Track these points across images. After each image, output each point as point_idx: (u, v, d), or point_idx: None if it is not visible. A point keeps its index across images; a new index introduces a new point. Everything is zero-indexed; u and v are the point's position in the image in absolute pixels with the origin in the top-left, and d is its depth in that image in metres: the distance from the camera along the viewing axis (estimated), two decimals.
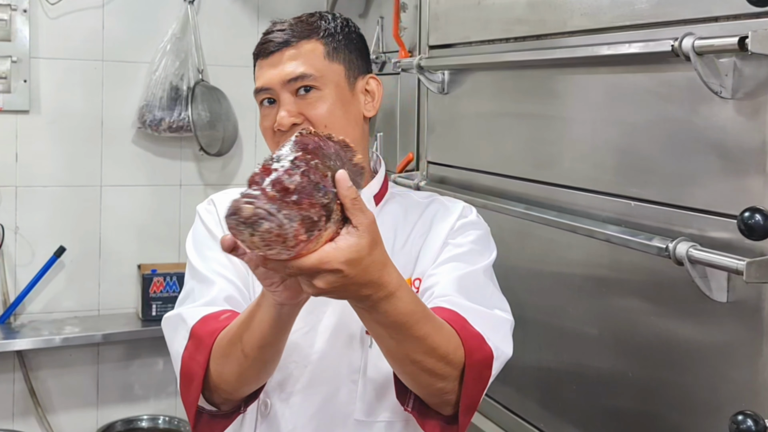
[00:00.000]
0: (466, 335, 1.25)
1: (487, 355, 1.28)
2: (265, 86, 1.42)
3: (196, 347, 1.30)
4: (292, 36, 1.43)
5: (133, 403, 3.23)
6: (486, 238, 1.46)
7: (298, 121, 1.38)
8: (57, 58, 3.08)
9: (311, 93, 1.40)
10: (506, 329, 1.36)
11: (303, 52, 1.42)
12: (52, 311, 3.11)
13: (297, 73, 1.40)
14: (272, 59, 1.42)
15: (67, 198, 3.12)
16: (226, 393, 1.30)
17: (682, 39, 1.32)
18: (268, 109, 1.43)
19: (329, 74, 1.42)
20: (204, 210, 1.50)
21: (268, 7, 3.33)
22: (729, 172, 1.34)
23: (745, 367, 1.32)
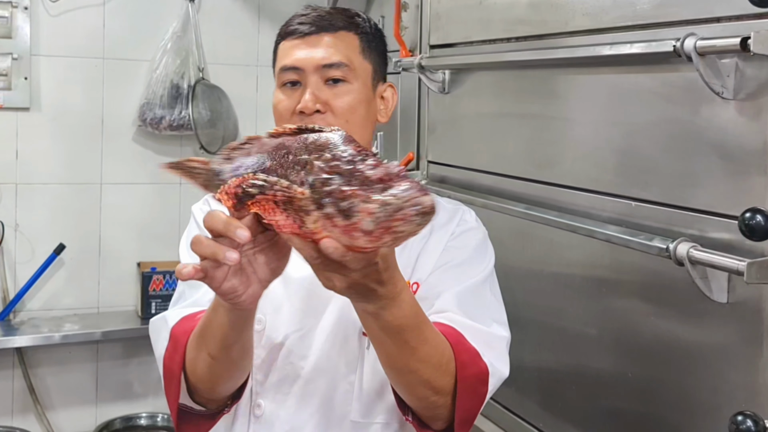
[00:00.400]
0: (460, 349, 1.25)
1: (481, 371, 1.27)
2: (296, 66, 1.39)
3: (174, 347, 1.31)
4: (331, 23, 1.41)
5: (132, 400, 3.22)
6: (485, 243, 1.45)
7: (323, 110, 1.37)
8: (58, 55, 3.08)
9: (341, 84, 1.39)
10: (502, 347, 1.35)
11: (341, 41, 1.40)
12: (51, 308, 3.11)
13: (334, 60, 1.38)
14: (308, 40, 1.39)
15: (68, 195, 3.12)
16: (204, 392, 1.30)
17: (684, 39, 1.32)
18: (289, 90, 1.40)
19: (360, 70, 1.41)
20: (198, 210, 1.49)
21: (269, 5, 3.33)
22: (730, 173, 1.34)
23: (745, 368, 1.32)
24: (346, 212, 0.92)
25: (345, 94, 1.39)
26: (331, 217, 0.93)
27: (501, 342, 1.35)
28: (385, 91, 1.48)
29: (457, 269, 1.38)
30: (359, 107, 1.40)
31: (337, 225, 0.93)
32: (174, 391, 1.30)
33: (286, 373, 1.39)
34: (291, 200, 0.95)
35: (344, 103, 1.38)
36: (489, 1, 2.02)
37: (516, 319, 1.43)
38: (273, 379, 1.39)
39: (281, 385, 1.39)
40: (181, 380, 1.29)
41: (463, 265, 1.39)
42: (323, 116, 1.37)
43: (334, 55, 1.38)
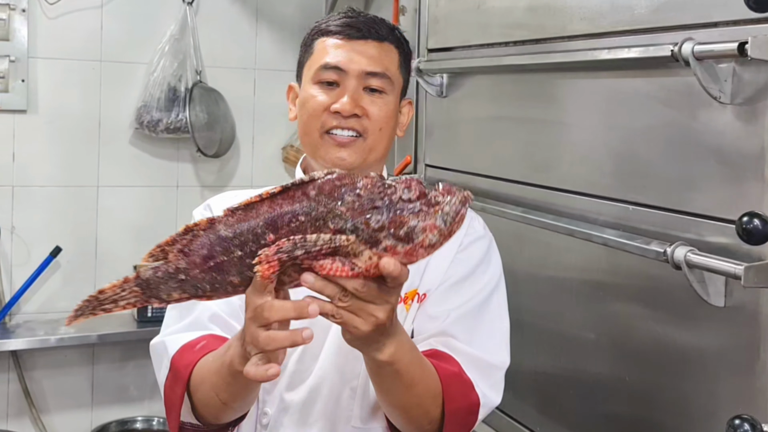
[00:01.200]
0: (451, 381, 1.28)
1: (472, 403, 1.30)
2: (340, 66, 1.38)
3: (174, 379, 1.31)
4: (378, 32, 1.40)
5: (127, 404, 3.22)
6: (490, 251, 1.46)
7: (359, 113, 1.37)
8: (55, 58, 3.07)
9: (378, 94, 1.40)
10: (498, 376, 1.37)
11: (386, 52, 1.41)
12: (47, 311, 3.10)
13: (378, 70, 1.39)
14: (357, 44, 1.39)
15: (64, 198, 3.11)
16: (209, 419, 1.30)
17: (682, 44, 1.32)
18: (326, 88, 1.39)
19: (396, 84, 1.42)
20: (200, 216, 1.46)
21: (267, 9, 3.33)
22: (727, 177, 1.34)
23: (743, 372, 1.32)
24: (408, 237, 0.96)
25: (382, 105, 1.39)
26: (393, 248, 0.97)
27: (498, 371, 1.37)
28: (404, 107, 1.49)
29: (463, 283, 1.39)
30: (391, 119, 1.41)
31: (398, 252, 0.97)
32: (174, 421, 1.31)
33: (294, 381, 1.39)
34: (336, 250, 0.96)
35: (381, 112, 1.39)
36: (487, 5, 2.03)
37: (513, 322, 1.43)
38: (281, 386, 1.39)
39: (287, 392, 1.39)
40: (182, 410, 1.30)
41: (470, 278, 1.40)
42: (359, 120, 1.37)
43: (379, 65, 1.39)
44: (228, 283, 1.02)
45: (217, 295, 1.05)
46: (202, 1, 3.25)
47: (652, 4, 1.49)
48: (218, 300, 1.32)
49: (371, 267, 0.97)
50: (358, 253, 0.96)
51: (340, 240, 0.95)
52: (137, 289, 1.05)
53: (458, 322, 1.35)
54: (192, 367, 1.28)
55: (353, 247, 0.96)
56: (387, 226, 0.96)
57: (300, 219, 0.98)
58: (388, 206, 0.96)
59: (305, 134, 1.42)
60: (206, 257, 1.01)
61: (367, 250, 0.96)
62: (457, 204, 0.97)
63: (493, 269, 1.44)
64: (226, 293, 1.04)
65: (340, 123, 1.37)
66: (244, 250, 0.99)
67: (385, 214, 0.96)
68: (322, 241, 0.96)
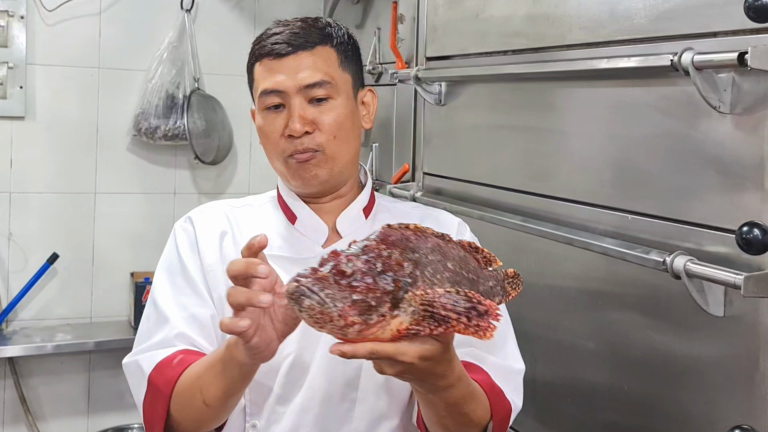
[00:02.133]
0: (493, 397, 1.30)
1: (507, 411, 1.34)
2: (278, 89, 1.37)
3: (154, 397, 1.30)
4: (307, 40, 1.38)
5: (124, 411, 3.20)
6: None
7: (310, 130, 1.37)
8: (53, 64, 3.07)
9: (325, 102, 1.38)
10: (519, 380, 1.41)
11: (320, 58, 1.39)
12: (44, 318, 3.09)
13: (316, 80, 1.37)
14: (287, 62, 1.38)
15: (61, 205, 3.11)
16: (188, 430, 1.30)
17: (682, 54, 1.32)
18: (273, 113, 1.39)
19: (342, 83, 1.41)
20: (180, 229, 1.47)
21: (265, 16, 3.33)
22: (727, 187, 1.34)
23: (742, 381, 1.32)
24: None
25: (331, 111, 1.38)
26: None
27: (519, 376, 1.41)
28: (365, 96, 1.48)
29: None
30: (346, 121, 1.40)
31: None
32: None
33: (285, 392, 1.37)
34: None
35: (331, 120, 1.38)
36: (486, 14, 2.03)
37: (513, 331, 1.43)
38: (271, 399, 1.38)
39: (278, 404, 1.38)
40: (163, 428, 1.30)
41: None
42: (312, 136, 1.37)
43: (316, 75, 1.37)
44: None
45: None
46: (200, 9, 3.26)
47: (651, 13, 1.49)
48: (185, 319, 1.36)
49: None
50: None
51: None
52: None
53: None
54: (174, 381, 1.28)
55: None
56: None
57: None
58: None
59: (272, 161, 1.44)
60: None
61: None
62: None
63: None
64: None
65: (296, 147, 1.37)
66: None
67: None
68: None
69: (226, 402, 1.25)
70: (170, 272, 1.42)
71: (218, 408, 1.26)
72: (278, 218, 1.46)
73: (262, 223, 1.45)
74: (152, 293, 1.43)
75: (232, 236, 1.43)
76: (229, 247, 1.42)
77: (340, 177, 1.43)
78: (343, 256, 0.99)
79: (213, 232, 1.44)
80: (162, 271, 1.44)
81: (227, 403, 1.26)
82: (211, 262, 1.41)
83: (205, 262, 1.41)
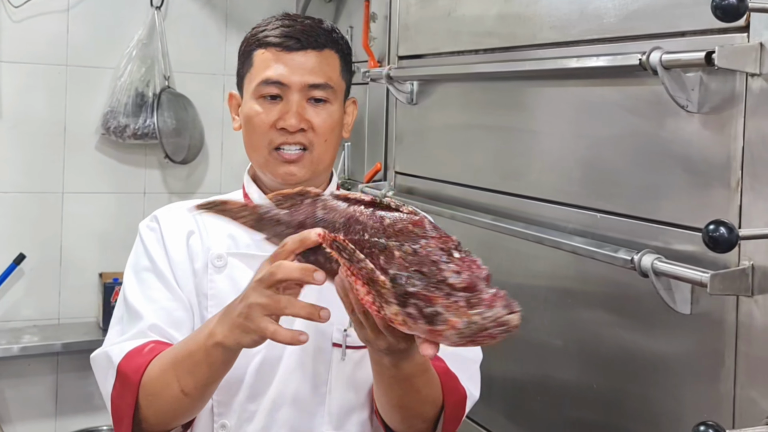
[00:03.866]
0: (445, 379, 1.30)
1: (461, 396, 1.33)
2: (281, 81, 1.37)
3: (123, 386, 1.28)
4: (317, 40, 1.39)
5: (92, 413, 3.16)
6: None
7: (305, 127, 1.37)
8: (20, 62, 3.03)
9: (322, 104, 1.39)
10: (475, 369, 1.41)
11: (326, 60, 1.39)
12: (10, 320, 3.05)
13: (320, 81, 1.38)
14: (297, 55, 1.37)
15: (28, 204, 3.06)
16: (155, 426, 1.27)
17: (650, 53, 1.33)
18: (268, 103, 1.38)
19: (339, 90, 1.42)
20: (146, 228, 1.45)
21: (236, 14, 3.32)
22: (694, 186, 1.35)
23: (708, 379, 1.33)
24: (430, 318, 0.94)
25: (326, 115, 1.39)
26: (414, 318, 0.95)
27: (474, 365, 1.41)
28: (349, 107, 1.48)
29: None
30: (336, 126, 1.42)
31: (419, 326, 0.95)
32: (126, 427, 1.28)
33: (255, 390, 1.36)
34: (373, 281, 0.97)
35: (325, 123, 1.39)
36: (457, 13, 2.03)
37: None
38: (240, 397, 1.36)
39: (249, 402, 1.37)
40: (132, 419, 1.27)
41: None
42: (305, 134, 1.37)
43: (321, 76, 1.38)
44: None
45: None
46: (170, 6, 3.23)
47: (620, 13, 1.50)
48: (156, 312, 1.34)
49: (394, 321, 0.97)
50: (389, 303, 0.96)
51: (378, 277, 0.96)
52: (251, 219, 1.12)
53: None
54: (143, 369, 1.26)
55: (386, 294, 0.96)
56: (418, 295, 0.95)
57: (365, 235, 1.01)
58: (430, 279, 0.95)
59: (253, 150, 1.42)
60: (300, 224, 1.07)
61: (396, 305, 0.96)
62: (491, 322, 0.95)
63: None
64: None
65: (287, 139, 1.37)
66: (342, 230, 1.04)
67: (421, 284, 0.95)
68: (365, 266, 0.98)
69: (205, 390, 1.23)
70: (139, 270, 1.41)
71: (197, 397, 1.23)
72: None
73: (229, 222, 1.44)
74: (122, 294, 1.41)
75: (199, 235, 1.42)
76: (196, 245, 1.41)
77: (317, 179, 1.43)
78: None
79: (179, 230, 1.42)
80: (130, 270, 1.42)
81: (206, 392, 1.24)
82: (179, 260, 1.40)
83: (172, 259, 1.39)
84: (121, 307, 1.40)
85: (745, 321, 1.26)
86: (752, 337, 1.26)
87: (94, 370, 1.37)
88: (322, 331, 1.35)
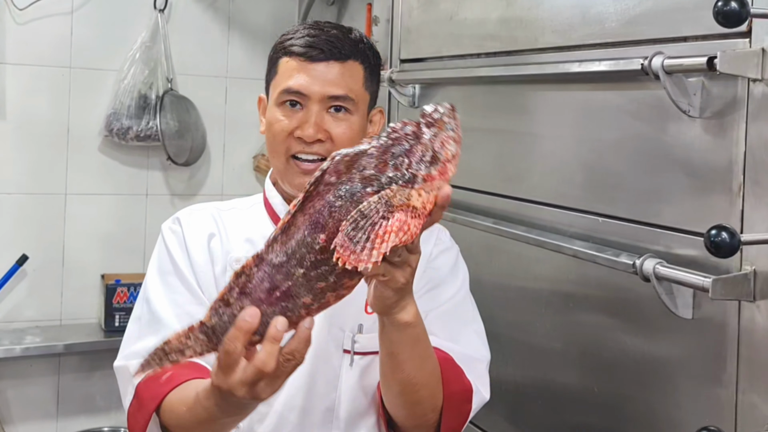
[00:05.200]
0: (446, 366, 1.30)
1: (466, 388, 1.33)
2: (301, 91, 1.37)
3: (138, 408, 1.30)
4: (341, 50, 1.38)
5: (94, 414, 3.17)
6: (459, 261, 1.49)
7: (323, 138, 1.37)
8: (24, 64, 3.03)
9: (342, 114, 1.38)
10: (482, 369, 1.41)
11: (349, 72, 1.39)
12: (13, 320, 3.05)
13: (340, 93, 1.37)
14: (319, 66, 1.37)
15: (31, 206, 3.07)
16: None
17: (652, 58, 1.33)
18: (289, 110, 1.38)
19: (362, 101, 1.41)
20: (168, 230, 1.45)
21: (239, 17, 3.32)
22: (696, 190, 1.35)
23: (710, 383, 1.33)
24: (434, 158, 1.00)
25: (346, 125, 1.38)
26: (429, 175, 1.00)
27: (482, 364, 1.41)
28: (375, 116, 1.48)
29: (435, 290, 1.42)
30: (356, 137, 1.40)
31: (434, 176, 1.00)
32: None
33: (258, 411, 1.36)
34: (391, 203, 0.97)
35: (345, 134, 1.38)
36: (460, 17, 2.03)
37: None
38: None
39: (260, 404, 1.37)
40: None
41: (442, 285, 1.43)
42: (323, 144, 1.37)
43: (341, 88, 1.37)
44: (301, 306, 1.00)
45: (291, 324, 1.02)
46: (173, 9, 3.23)
47: (622, 17, 1.50)
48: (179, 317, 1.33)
49: (426, 202, 0.99)
50: (410, 197, 0.98)
51: (386, 195, 0.97)
52: (203, 337, 1.02)
53: (437, 321, 1.37)
54: (160, 399, 1.27)
55: (400, 194, 0.97)
56: (413, 161, 0.99)
57: (338, 205, 0.98)
58: (402, 147, 1.00)
59: (273, 156, 1.42)
60: (270, 289, 1.00)
61: (412, 189, 0.98)
62: (449, 111, 1.03)
63: (462, 277, 1.48)
64: (299, 317, 1.01)
65: (304, 148, 1.37)
66: (304, 265, 0.98)
67: (404, 154, 1.00)
68: (374, 203, 0.96)
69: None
70: (162, 272, 1.41)
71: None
72: (264, 222, 1.46)
73: (249, 226, 1.44)
74: (144, 293, 1.41)
75: (220, 238, 1.43)
76: (216, 248, 1.42)
77: None
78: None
79: (201, 233, 1.43)
80: (153, 271, 1.43)
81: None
82: (201, 263, 1.41)
83: (194, 261, 1.40)
84: (143, 305, 1.40)
85: (747, 326, 1.26)
86: (754, 342, 1.26)
87: (117, 379, 1.39)
88: (333, 337, 1.37)
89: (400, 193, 0.97)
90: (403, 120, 1.03)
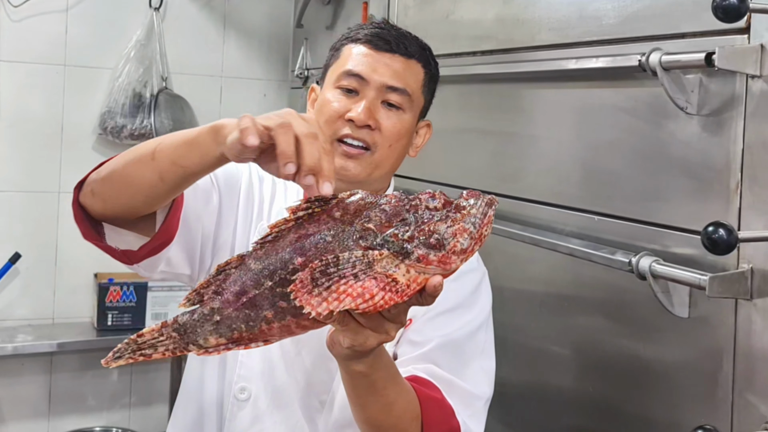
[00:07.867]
0: (432, 405, 1.26)
1: (452, 428, 1.28)
2: (362, 75, 1.35)
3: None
4: (407, 48, 1.38)
5: (85, 414, 3.15)
6: (482, 285, 1.43)
7: (373, 125, 1.34)
8: (19, 61, 3.02)
9: (395, 110, 1.37)
10: (479, 406, 1.35)
11: (411, 69, 1.38)
12: (5, 319, 3.03)
13: (399, 85, 1.36)
14: (383, 56, 1.36)
15: (24, 203, 3.05)
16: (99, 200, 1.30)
17: (649, 54, 1.33)
18: (344, 94, 1.36)
19: (416, 102, 1.39)
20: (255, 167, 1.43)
21: (235, 16, 3.31)
22: (693, 188, 1.35)
23: (706, 382, 1.32)
24: (439, 244, 0.93)
25: (396, 119, 1.37)
26: (425, 257, 0.93)
27: (479, 401, 1.35)
28: (422, 128, 1.46)
29: (450, 314, 1.36)
30: (404, 137, 1.39)
31: (431, 261, 0.94)
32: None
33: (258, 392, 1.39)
34: (372, 265, 0.93)
35: (394, 128, 1.36)
36: (456, 16, 2.03)
37: None
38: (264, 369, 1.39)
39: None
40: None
41: (457, 309, 1.37)
42: (371, 132, 1.34)
43: (401, 80, 1.36)
44: (262, 318, 0.98)
45: (253, 338, 1.00)
46: (169, 7, 3.22)
47: (620, 14, 1.50)
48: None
49: (411, 282, 0.94)
50: (397, 267, 0.94)
51: (372, 256, 0.93)
52: (175, 335, 1.01)
53: (441, 349, 1.33)
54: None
55: (387, 261, 0.93)
56: (416, 235, 0.94)
57: (327, 240, 0.96)
58: (414, 217, 0.95)
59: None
60: (238, 293, 0.98)
61: (402, 263, 0.94)
62: (484, 206, 0.96)
63: (483, 303, 1.41)
64: (261, 333, 0.99)
65: (352, 132, 1.34)
66: (273, 279, 0.97)
67: (412, 224, 0.94)
68: (355, 258, 0.93)
69: (170, 170, 1.19)
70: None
71: (160, 170, 1.20)
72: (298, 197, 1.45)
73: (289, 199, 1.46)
74: None
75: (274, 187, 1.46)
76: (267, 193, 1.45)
77: (372, 184, 1.39)
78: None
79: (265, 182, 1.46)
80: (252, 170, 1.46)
81: (170, 172, 1.19)
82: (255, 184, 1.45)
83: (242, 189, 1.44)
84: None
85: (744, 324, 1.26)
86: (751, 341, 1.25)
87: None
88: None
89: (388, 261, 0.93)
90: (441, 192, 0.97)
